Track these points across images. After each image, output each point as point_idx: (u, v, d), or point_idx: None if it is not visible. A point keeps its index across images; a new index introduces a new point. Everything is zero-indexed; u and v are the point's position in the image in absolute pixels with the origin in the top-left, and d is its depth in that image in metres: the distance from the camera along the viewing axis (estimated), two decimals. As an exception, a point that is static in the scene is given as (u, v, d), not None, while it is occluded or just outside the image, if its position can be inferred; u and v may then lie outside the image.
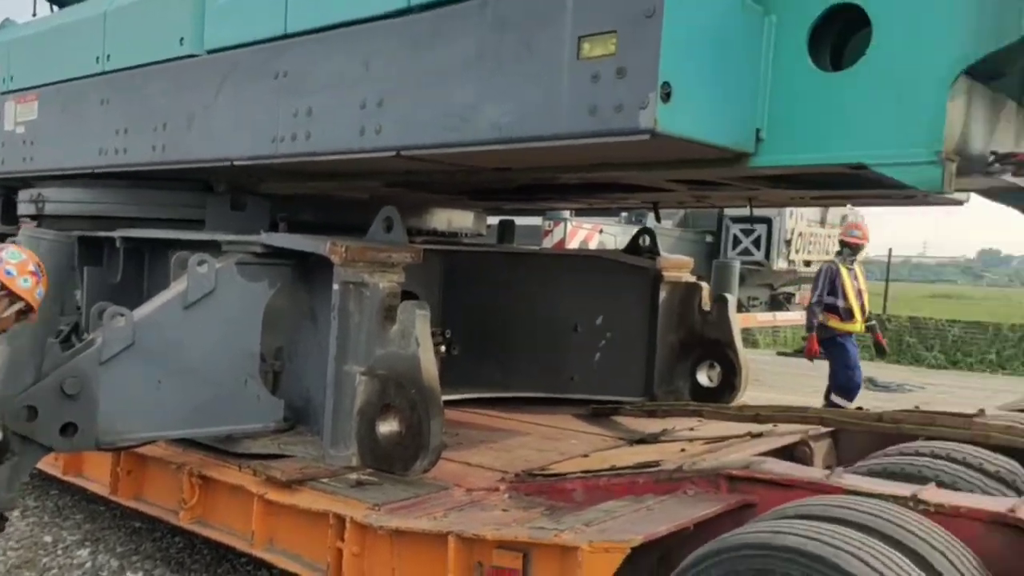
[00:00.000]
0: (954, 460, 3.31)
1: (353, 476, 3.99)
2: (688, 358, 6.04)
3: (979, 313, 16.32)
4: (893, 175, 2.84)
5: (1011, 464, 3.34)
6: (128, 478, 4.76)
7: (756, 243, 10.33)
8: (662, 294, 6.02)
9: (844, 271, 8.19)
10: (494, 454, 4.66)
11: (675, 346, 6.07)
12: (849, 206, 10.29)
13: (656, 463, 3.79)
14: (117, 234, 5.12)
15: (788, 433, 4.46)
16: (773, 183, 4.00)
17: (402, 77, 3.50)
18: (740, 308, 11.50)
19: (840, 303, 8.08)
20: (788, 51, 3.05)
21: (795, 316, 12.22)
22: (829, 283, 8.12)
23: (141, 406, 3.94)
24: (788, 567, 2.37)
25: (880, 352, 9.27)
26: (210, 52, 4.48)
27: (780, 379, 12.52)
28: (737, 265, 8.50)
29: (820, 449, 4.41)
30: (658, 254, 6.13)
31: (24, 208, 5.87)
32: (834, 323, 8.10)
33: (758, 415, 4.67)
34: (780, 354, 16.16)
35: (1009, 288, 62.05)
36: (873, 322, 8.61)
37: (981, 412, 4.68)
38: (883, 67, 2.84)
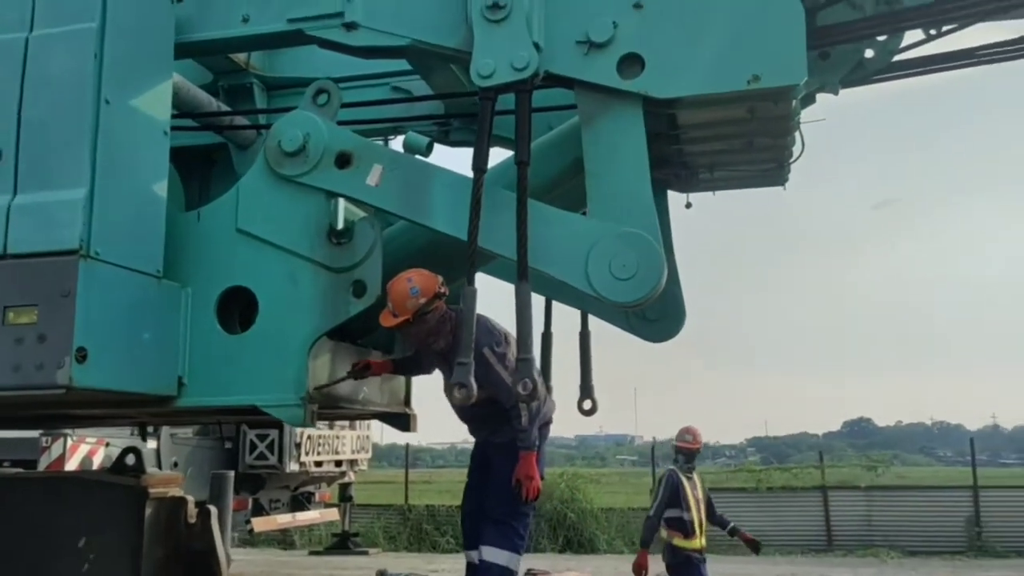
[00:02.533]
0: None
1: None
2: (174, 571, 6.28)
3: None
4: (274, 414, 3.77)
5: None
6: None
7: (271, 448, 10.98)
8: (148, 510, 6.23)
9: (684, 480, 7.52)
10: None
11: (161, 561, 6.25)
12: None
13: None
14: None
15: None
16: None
17: None
18: (263, 511, 11.91)
19: (685, 516, 7.39)
20: (202, 317, 3.89)
21: (314, 515, 12.95)
22: (671, 493, 7.41)
23: None
24: None
25: (756, 549, 8.06)
26: None
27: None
28: (231, 475, 9.00)
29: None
30: (144, 471, 6.42)
31: None
32: (679, 542, 7.42)
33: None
34: (312, 553, 16.65)
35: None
36: (732, 524, 7.99)
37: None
38: (267, 333, 3.82)
